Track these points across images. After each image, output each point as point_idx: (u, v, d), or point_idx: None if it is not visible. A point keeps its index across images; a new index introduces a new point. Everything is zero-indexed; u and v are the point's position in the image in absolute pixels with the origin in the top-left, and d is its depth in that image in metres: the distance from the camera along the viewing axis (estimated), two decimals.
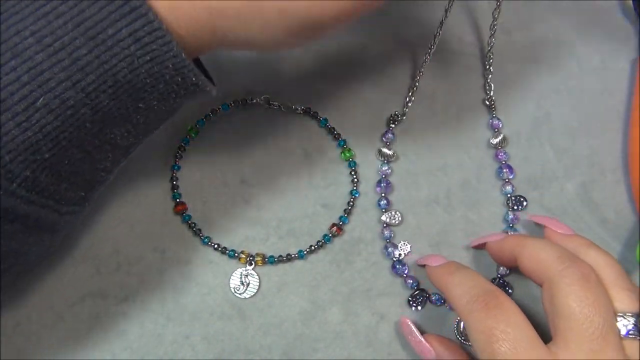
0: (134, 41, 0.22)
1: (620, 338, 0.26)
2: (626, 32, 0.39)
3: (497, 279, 0.34)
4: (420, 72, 0.37)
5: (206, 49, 0.25)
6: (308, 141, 0.37)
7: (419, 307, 0.34)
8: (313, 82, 0.38)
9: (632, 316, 0.26)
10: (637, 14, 0.39)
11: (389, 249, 0.34)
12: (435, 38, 0.36)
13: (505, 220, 0.35)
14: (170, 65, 0.23)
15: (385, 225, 0.35)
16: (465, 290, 0.28)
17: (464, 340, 0.33)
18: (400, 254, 0.34)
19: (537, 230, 0.35)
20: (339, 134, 0.37)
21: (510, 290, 0.34)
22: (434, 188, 0.36)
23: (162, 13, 0.23)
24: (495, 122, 0.37)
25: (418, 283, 0.34)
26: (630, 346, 0.26)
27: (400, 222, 0.35)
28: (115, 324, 0.33)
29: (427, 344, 0.32)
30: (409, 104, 0.37)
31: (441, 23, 0.36)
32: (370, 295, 0.34)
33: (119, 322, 0.33)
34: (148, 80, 0.23)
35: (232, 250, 0.34)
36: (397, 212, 0.35)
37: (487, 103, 0.37)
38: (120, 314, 0.33)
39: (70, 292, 0.33)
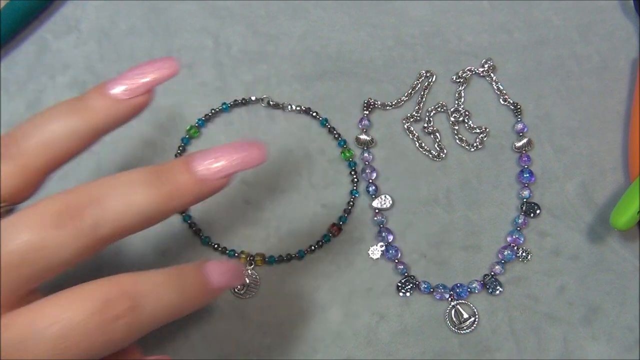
0: None
1: None
2: (626, 32, 0.39)
3: (490, 276, 0.34)
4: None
5: None
6: (308, 141, 0.37)
7: (407, 294, 0.34)
8: (313, 82, 0.38)
9: None
10: (638, 14, 0.39)
11: (383, 233, 0.35)
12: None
13: (515, 222, 0.35)
14: None
15: (377, 210, 0.35)
16: None
17: (457, 329, 0.33)
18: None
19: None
20: (339, 134, 0.37)
21: (500, 289, 0.33)
22: (433, 188, 0.36)
23: None
24: (520, 125, 0.37)
25: (408, 269, 0.34)
26: None
27: (392, 206, 0.35)
28: None
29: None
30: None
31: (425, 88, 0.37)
32: (370, 295, 0.34)
33: None
34: None
35: (232, 250, 0.35)
36: (387, 196, 0.35)
37: (512, 107, 0.37)
38: None
39: None
